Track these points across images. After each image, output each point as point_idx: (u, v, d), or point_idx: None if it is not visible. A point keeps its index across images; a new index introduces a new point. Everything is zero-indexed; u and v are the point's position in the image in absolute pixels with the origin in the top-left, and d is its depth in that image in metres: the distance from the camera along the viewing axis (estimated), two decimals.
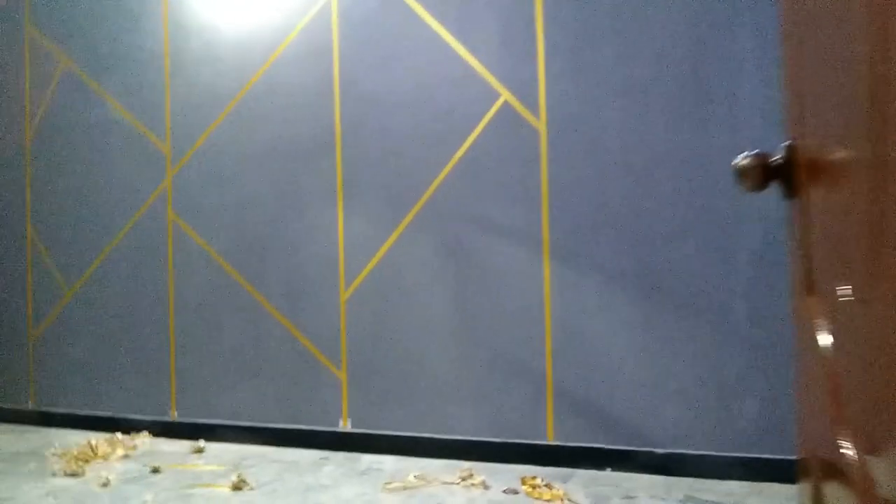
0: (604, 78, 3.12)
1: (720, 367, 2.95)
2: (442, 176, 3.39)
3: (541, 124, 3.22)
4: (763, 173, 0.94)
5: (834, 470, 0.82)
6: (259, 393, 3.78)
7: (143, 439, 3.89)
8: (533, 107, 3.23)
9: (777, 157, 0.93)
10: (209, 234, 3.89)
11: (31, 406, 4.39)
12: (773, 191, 1.00)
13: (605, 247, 3.13)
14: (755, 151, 0.94)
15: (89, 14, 4.18)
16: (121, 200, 4.12)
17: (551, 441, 3.19)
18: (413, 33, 3.45)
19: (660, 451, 3.02)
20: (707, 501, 2.71)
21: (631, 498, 2.77)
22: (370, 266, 3.53)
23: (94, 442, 3.62)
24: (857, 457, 0.71)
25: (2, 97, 4.49)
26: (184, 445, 3.77)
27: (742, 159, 0.94)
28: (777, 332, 2.85)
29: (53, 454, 3.54)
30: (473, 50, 3.34)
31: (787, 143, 0.94)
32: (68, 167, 4.27)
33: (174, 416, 3.95)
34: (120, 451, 3.63)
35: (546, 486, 2.90)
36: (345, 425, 3.57)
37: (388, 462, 3.36)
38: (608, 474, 3.07)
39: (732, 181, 3.01)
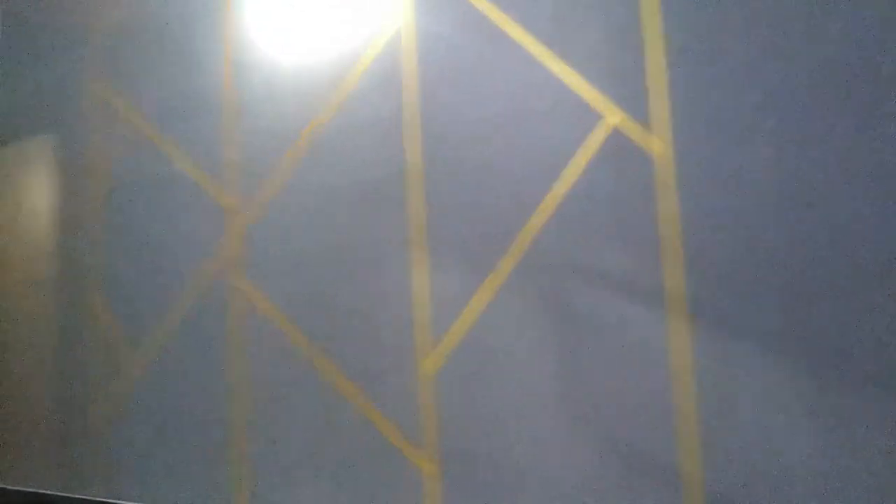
0: (748, 84, 2.45)
1: None
2: (543, 219, 2.78)
3: (666, 150, 2.57)
4: None
5: None
6: (335, 490, 3.19)
7: None
8: (653, 129, 2.59)
9: None
10: (276, 296, 3.39)
11: (98, 495, 3.97)
12: None
13: (761, 304, 2.41)
14: None
15: (151, 60, 3.86)
16: (182, 263, 3.70)
17: None
18: (500, 53, 2.89)
19: None
20: None
21: None
22: (461, 332, 2.92)
23: None
24: None
25: (71, 156, 4.22)
26: None
27: None
28: None
29: None
30: (573, 64, 2.75)
31: None
32: (131, 228, 3.91)
33: None
34: None
35: None
36: None
37: None
38: None
39: None
